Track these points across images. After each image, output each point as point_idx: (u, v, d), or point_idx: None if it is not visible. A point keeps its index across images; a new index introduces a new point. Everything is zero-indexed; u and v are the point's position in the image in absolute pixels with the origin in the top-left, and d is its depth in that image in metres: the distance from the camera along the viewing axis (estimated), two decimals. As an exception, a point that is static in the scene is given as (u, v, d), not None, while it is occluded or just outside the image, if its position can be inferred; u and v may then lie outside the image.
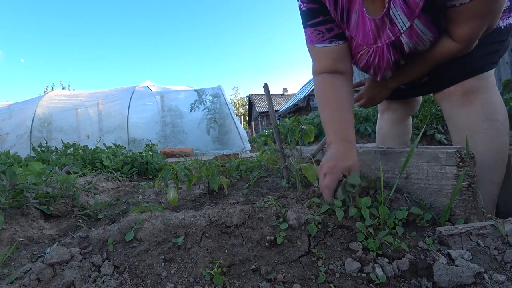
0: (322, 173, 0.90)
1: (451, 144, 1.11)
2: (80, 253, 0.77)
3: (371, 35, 0.99)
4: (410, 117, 1.54)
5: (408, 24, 0.90)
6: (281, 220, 0.82)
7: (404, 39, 0.95)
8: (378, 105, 1.54)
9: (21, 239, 1.02)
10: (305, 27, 1.10)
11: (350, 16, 1.00)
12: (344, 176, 0.87)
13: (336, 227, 0.80)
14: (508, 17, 1.02)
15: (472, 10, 0.82)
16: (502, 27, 1.01)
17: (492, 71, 1.06)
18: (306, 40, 1.13)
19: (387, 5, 0.90)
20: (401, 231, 0.78)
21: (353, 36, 1.05)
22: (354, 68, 1.17)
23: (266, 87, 1.51)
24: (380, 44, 1.00)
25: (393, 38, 0.96)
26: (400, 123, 1.49)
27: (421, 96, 1.54)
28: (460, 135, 1.07)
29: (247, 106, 35.46)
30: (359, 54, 1.09)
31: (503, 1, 0.82)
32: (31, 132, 6.39)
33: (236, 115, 7.37)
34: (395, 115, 1.48)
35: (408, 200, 0.88)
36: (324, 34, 1.07)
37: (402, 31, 0.93)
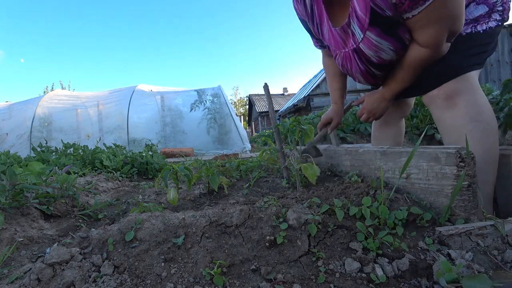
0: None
1: (451, 144, 1.12)
2: (80, 253, 0.77)
3: (340, 42, 1.17)
4: (403, 119, 1.56)
5: (362, 36, 1.03)
6: (281, 220, 0.82)
7: (362, 47, 1.07)
8: None
9: (21, 239, 1.02)
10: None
11: (322, 28, 1.20)
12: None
13: (336, 227, 0.80)
14: (488, 22, 1.05)
15: (425, 18, 0.89)
16: (481, 31, 1.05)
17: (475, 73, 1.08)
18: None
19: (347, 19, 1.04)
20: (401, 231, 0.78)
21: (328, 44, 1.27)
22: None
23: (266, 87, 1.51)
24: (347, 50, 1.16)
25: (354, 46, 1.10)
26: (393, 126, 1.53)
27: (413, 100, 1.60)
28: (448, 137, 1.10)
29: (247, 106, 35.45)
30: (336, 58, 1.30)
31: (456, 5, 0.87)
32: (31, 132, 6.39)
33: (236, 115, 7.38)
34: (387, 118, 1.51)
35: (408, 200, 0.88)
36: (317, 42, 1.38)
37: (359, 40, 1.06)
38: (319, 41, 1.35)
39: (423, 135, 1.01)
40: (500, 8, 1.04)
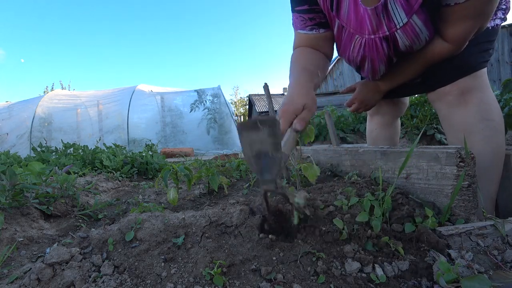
0: (278, 117, 0.82)
1: (451, 144, 1.12)
2: (80, 253, 0.77)
3: (365, 24, 0.97)
4: (398, 119, 1.56)
5: (405, 20, 0.89)
6: (281, 220, 0.82)
7: (399, 35, 0.94)
8: None
9: (21, 239, 1.02)
10: (292, 11, 1.12)
11: (341, 4, 0.99)
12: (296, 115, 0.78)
13: (336, 227, 0.80)
14: (495, 19, 1.04)
15: (466, 10, 0.83)
16: (490, 28, 1.03)
17: (485, 70, 1.06)
18: (292, 24, 1.16)
19: None
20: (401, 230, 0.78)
21: (344, 25, 1.03)
22: (345, 70, 1.17)
23: (266, 87, 1.51)
24: (373, 37, 0.99)
25: (387, 33, 0.95)
26: (390, 126, 1.52)
27: (408, 99, 1.55)
28: (456, 136, 1.08)
29: (247, 106, 35.42)
30: (352, 46, 1.07)
31: (495, 3, 0.84)
32: (31, 132, 6.40)
33: (236, 115, 7.40)
34: (384, 119, 1.50)
35: (408, 200, 0.88)
36: (306, 22, 1.09)
37: (398, 26, 0.92)
38: (317, 19, 1.06)
39: (421, 132, 0.99)
40: (504, 7, 1.04)
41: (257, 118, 0.59)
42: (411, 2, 0.86)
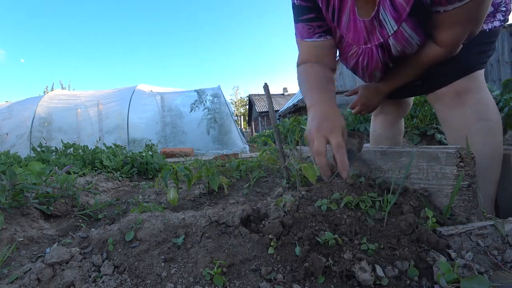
0: (310, 139, 0.85)
1: (451, 144, 1.11)
2: (80, 253, 0.77)
3: (362, 36, 1.03)
4: (402, 119, 1.57)
5: (395, 28, 0.94)
6: (281, 220, 0.82)
7: (391, 41, 0.98)
8: None
9: (21, 239, 1.02)
10: (296, 21, 1.13)
11: (341, 16, 1.04)
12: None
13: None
14: (493, 21, 1.05)
15: (455, 17, 0.85)
16: (487, 30, 1.05)
17: (482, 71, 1.08)
18: (296, 35, 1.17)
19: (376, 7, 0.93)
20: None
21: (343, 35, 1.09)
22: (345, 70, 1.20)
23: (266, 87, 1.51)
24: (369, 45, 1.04)
25: (381, 40, 1.00)
26: (393, 125, 1.53)
27: (413, 99, 1.60)
28: (454, 136, 1.09)
29: (247, 106, 35.42)
30: (349, 54, 1.13)
31: (485, 9, 0.86)
32: (31, 132, 6.40)
33: (236, 115, 7.41)
34: (387, 118, 1.52)
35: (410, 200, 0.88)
36: (314, 29, 1.11)
37: (390, 33, 0.96)
38: (324, 26, 1.10)
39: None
40: (504, 9, 1.05)
41: (356, 133, 1.02)
42: (400, 11, 0.89)
